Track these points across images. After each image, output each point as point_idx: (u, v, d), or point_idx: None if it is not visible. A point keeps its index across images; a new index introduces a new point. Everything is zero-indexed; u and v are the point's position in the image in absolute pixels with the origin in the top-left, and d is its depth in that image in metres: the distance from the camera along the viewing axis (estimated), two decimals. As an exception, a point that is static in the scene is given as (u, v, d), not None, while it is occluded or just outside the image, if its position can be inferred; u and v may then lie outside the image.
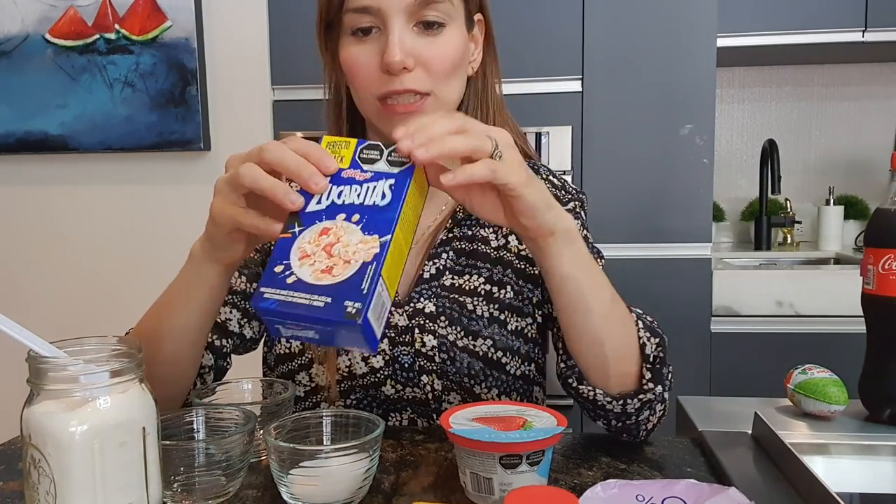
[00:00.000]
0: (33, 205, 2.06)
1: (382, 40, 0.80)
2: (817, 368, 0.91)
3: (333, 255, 0.57)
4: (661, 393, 0.79)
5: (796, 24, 1.98)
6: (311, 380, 0.89)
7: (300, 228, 0.59)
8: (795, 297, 1.82)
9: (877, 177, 2.41)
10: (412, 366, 0.86)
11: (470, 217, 0.91)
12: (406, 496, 0.67)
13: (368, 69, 0.81)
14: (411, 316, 0.86)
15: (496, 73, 0.95)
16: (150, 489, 0.56)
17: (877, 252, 0.87)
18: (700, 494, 0.56)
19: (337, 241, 0.58)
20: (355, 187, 0.60)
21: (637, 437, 0.81)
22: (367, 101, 0.84)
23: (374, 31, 0.81)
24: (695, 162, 1.80)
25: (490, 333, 0.87)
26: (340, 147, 0.63)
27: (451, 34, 0.83)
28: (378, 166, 0.61)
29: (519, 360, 0.90)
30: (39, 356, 0.53)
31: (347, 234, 0.58)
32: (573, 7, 1.81)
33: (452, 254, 0.90)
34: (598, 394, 0.77)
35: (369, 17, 0.80)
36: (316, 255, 0.58)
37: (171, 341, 0.76)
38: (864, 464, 0.83)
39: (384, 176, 0.61)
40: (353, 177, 0.61)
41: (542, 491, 0.58)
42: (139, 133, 1.98)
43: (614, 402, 0.77)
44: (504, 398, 0.88)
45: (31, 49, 2.00)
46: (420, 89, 0.81)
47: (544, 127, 1.82)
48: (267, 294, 0.57)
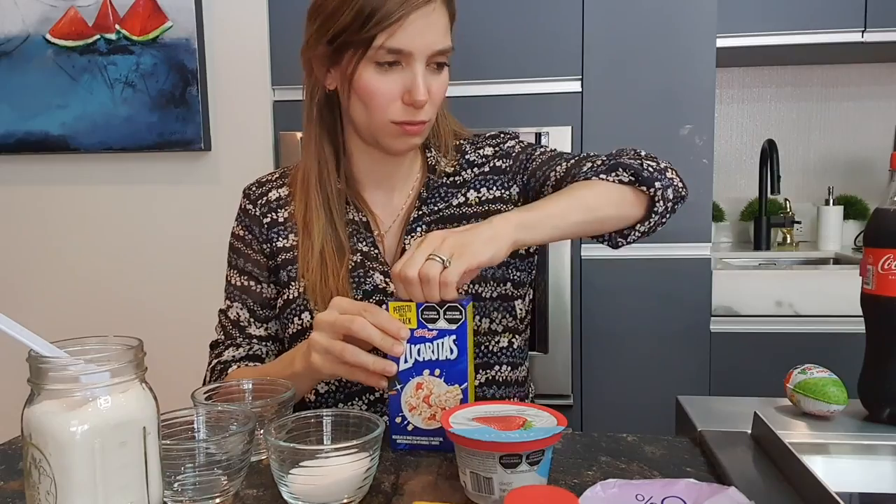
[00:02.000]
0: (33, 205, 2.06)
1: (406, 75, 0.92)
2: (817, 368, 0.91)
3: (432, 405, 0.80)
4: (672, 176, 0.99)
5: (796, 24, 1.98)
6: None
7: (400, 385, 0.80)
8: (795, 297, 1.82)
9: (876, 177, 2.41)
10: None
11: (432, 193, 1.06)
12: (406, 496, 0.68)
13: (390, 97, 0.93)
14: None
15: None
16: (151, 489, 0.56)
17: (876, 252, 0.87)
18: (700, 494, 0.56)
19: (430, 393, 0.80)
20: (428, 345, 0.79)
21: (670, 211, 1.01)
22: (381, 121, 0.95)
23: (396, 65, 0.92)
24: (694, 162, 1.80)
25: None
26: (405, 311, 0.79)
27: (447, 69, 0.97)
28: (439, 324, 0.79)
29: (494, 284, 1.02)
30: (40, 356, 0.53)
31: (436, 387, 0.80)
32: (573, 7, 1.81)
33: (425, 226, 1.04)
34: (627, 233, 0.98)
35: (394, 55, 0.91)
36: (419, 406, 0.80)
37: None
38: (863, 464, 0.83)
39: (447, 333, 0.79)
40: (424, 335, 0.79)
41: (542, 491, 0.58)
42: (140, 133, 1.98)
43: (643, 222, 0.98)
44: (485, 320, 1.02)
45: (32, 49, 2.00)
46: (427, 119, 0.96)
47: (544, 127, 1.82)
48: (399, 440, 0.82)
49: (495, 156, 1.08)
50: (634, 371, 1.82)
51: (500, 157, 1.08)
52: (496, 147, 1.09)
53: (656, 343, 1.81)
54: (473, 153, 1.09)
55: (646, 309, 1.81)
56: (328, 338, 0.80)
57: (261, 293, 1.06)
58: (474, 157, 1.09)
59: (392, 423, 0.81)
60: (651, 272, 1.82)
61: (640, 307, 1.81)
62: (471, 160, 1.09)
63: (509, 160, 1.08)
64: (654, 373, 1.81)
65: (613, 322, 1.82)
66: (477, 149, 1.10)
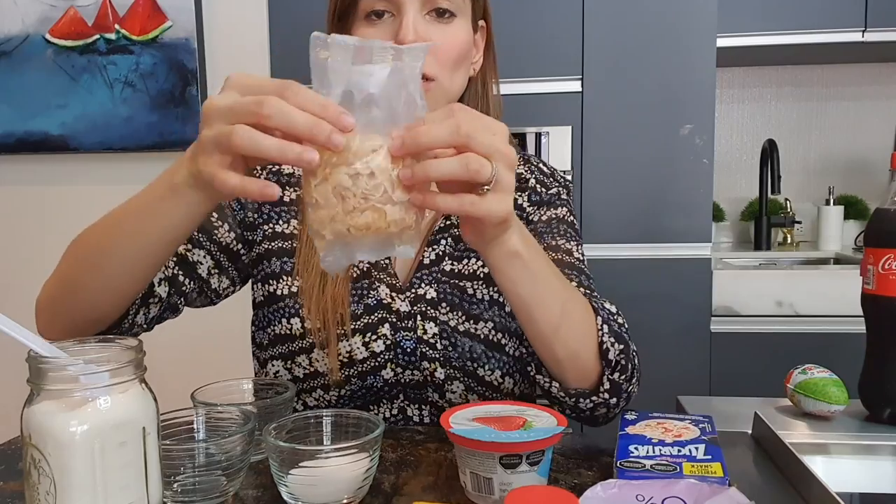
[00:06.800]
0: (33, 205, 2.06)
1: (395, 24, 0.83)
2: (817, 368, 0.91)
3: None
4: (615, 404, 0.78)
5: (796, 24, 1.98)
6: (310, 364, 0.88)
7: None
8: (795, 297, 1.82)
9: (877, 177, 2.41)
10: (414, 351, 0.87)
11: None
12: (406, 496, 0.67)
13: None
14: (413, 302, 0.88)
15: (495, 77, 0.99)
16: (151, 489, 0.56)
17: (877, 252, 0.87)
18: (700, 494, 0.56)
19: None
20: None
21: (593, 425, 0.83)
22: None
23: (388, 15, 0.84)
24: (695, 162, 1.80)
25: (491, 316, 0.89)
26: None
27: (461, 25, 0.86)
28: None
29: (517, 342, 0.91)
30: (39, 356, 0.53)
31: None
32: (573, 7, 1.81)
33: (451, 240, 0.92)
34: (553, 387, 0.78)
35: (384, 2, 0.83)
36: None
37: (117, 265, 0.71)
38: (863, 464, 0.83)
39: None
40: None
41: (542, 491, 0.58)
42: (139, 133, 1.99)
43: (567, 398, 0.78)
44: (507, 379, 0.89)
45: (32, 49, 2.00)
46: (427, 73, 0.82)
47: (544, 127, 1.82)
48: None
49: (540, 193, 0.97)
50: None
51: (541, 203, 0.97)
52: (560, 200, 0.98)
53: (656, 343, 1.81)
54: (527, 172, 0.99)
55: (646, 309, 1.81)
56: (214, 148, 0.58)
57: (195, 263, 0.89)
58: (527, 174, 0.98)
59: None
60: (651, 272, 1.82)
61: (640, 307, 1.81)
62: (520, 173, 0.97)
63: (542, 209, 0.97)
64: (654, 373, 1.80)
65: (613, 322, 1.82)
66: (545, 178, 0.99)
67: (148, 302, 0.83)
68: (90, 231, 0.75)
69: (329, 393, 0.88)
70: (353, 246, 0.58)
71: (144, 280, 0.75)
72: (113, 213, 0.72)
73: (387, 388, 0.88)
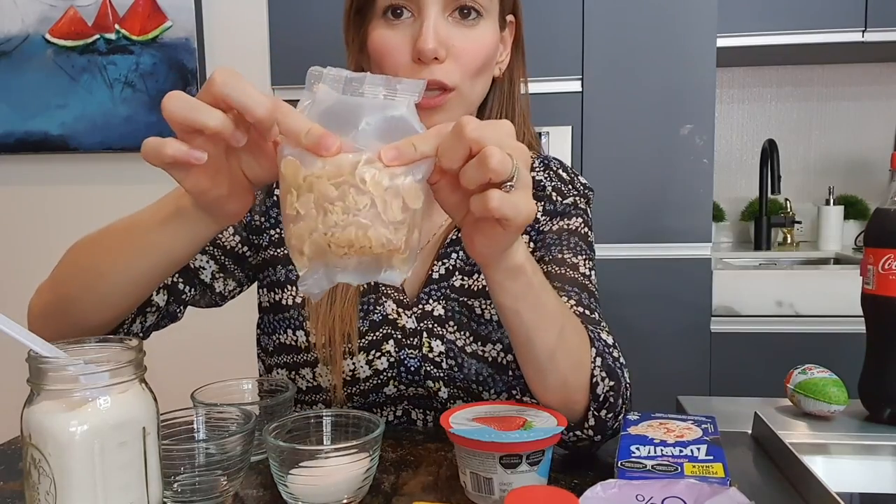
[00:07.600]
0: (33, 205, 2.06)
1: (416, 26, 0.77)
2: (817, 368, 0.91)
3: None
4: (598, 441, 0.75)
5: (796, 24, 1.98)
6: (314, 378, 0.87)
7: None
8: (795, 297, 1.82)
9: (877, 177, 2.41)
10: (418, 369, 0.85)
11: None
12: (406, 496, 0.67)
13: (399, 54, 0.78)
14: (420, 318, 0.85)
15: (523, 76, 0.94)
16: (151, 489, 0.56)
17: (877, 252, 0.87)
18: (700, 494, 0.56)
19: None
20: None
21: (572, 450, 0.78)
22: None
23: (407, 15, 0.78)
24: (695, 162, 1.80)
25: (499, 337, 0.85)
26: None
27: (486, 28, 0.81)
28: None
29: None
30: (39, 356, 0.53)
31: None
32: (573, 7, 1.81)
33: (462, 253, 0.88)
34: None
35: (403, 1, 0.78)
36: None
37: (113, 286, 0.69)
38: (864, 464, 0.83)
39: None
40: None
41: (542, 491, 0.58)
42: (139, 133, 1.98)
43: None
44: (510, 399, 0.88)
45: (32, 49, 2.00)
46: (448, 83, 0.77)
47: (544, 127, 1.82)
48: None
49: (556, 202, 0.92)
50: (634, 371, 1.82)
51: (554, 213, 0.91)
52: (576, 210, 0.93)
53: (656, 343, 1.81)
54: (546, 179, 0.93)
55: (646, 309, 1.81)
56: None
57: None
58: (545, 181, 0.93)
59: None
60: (651, 272, 1.82)
61: (640, 307, 1.81)
62: (538, 180, 0.92)
63: (554, 220, 0.91)
64: (654, 373, 1.81)
65: (613, 322, 1.81)
66: (562, 185, 0.94)
67: (145, 311, 0.82)
68: (88, 247, 0.73)
69: (331, 408, 0.87)
70: (334, 266, 0.54)
71: (141, 298, 0.73)
72: (112, 231, 0.70)
73: (390, 402, 0.87)
